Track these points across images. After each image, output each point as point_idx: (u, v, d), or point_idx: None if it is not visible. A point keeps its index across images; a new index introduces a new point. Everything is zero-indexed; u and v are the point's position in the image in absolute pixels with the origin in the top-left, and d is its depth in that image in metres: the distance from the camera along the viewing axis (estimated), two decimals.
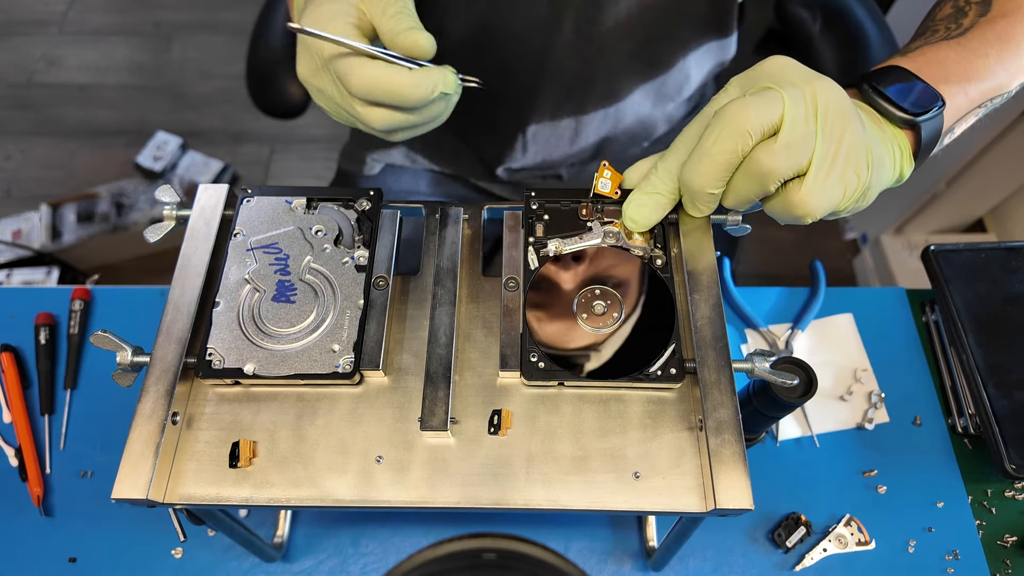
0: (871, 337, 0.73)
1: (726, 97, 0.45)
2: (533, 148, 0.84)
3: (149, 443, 0.42)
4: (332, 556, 0.62)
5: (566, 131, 0.81)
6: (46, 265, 1.60)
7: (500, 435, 0.44)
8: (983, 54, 0.50)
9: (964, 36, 0.51)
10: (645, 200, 0.47)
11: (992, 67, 0.50)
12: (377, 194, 0.51)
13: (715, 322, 0.46)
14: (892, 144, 0.46)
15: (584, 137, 0.82)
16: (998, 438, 0.61)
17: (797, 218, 0.43)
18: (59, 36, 2.12)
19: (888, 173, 0.46)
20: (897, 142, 0.47)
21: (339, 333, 0.46)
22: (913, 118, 0.46)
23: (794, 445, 0.67)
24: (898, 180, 0.48)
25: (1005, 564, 0.62)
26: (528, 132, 0.81)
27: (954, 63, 0.49)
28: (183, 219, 0.51)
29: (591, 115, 0.79)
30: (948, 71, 0.49)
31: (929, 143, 0.47)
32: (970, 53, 0.50)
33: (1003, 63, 0.50)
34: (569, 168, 0.90)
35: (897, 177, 0.47)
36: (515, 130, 0.81)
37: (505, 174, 0.89)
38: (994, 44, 0.51)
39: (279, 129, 1.92)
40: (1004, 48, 0.51)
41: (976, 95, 0.50)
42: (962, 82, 0.49)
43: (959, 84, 0.49)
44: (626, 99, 0.79)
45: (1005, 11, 0.52)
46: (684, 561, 0.62)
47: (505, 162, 0.86)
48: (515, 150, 0.84)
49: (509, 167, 0.87)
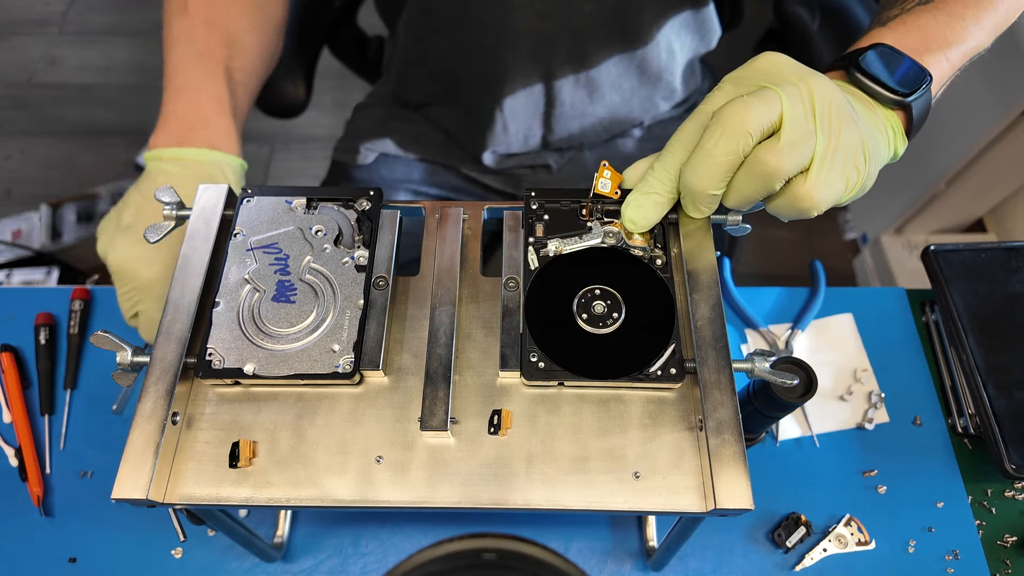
0: (871, 337, 0.73)
1: (721, 96, 0.45)
2: (513, 125, 0.84)
3: (149, 443, 0.42)
4: (332, 556, 0.62)
5: (540, 98, 0.82)
6: (46, 265, 1.59)
7: (500, 435, 0.44)
8: (960, 16, 0.50)
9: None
10: (643, 200, 0.47)
11: (970, 28, 0.51)
12: (377, 194, 0.52)
13: (715, 322, 0.46)
14: (885, 126, 0.47)
15: (560, 108, 0.83)
16: (998, 438, 0.61)
17: (802, 212, 0.43)
18: (59, 36, 2.12)
19: (884, 156, 0.47)
20: (889, 123, 0.47)
21: (339, 333, 0.46)
22: (903, 99, 0.46)
23: (794, 445, 0.67)
24: (893, 158, 0.49)
25: (1005, 564, 0.62)
26: (504, 106, 0.81)
27: (934, 30, 0.50)
28: (183, 219, 0.51)
29: (561, 80, 0.79)
30: (929, 39, 0.49)
31: (920, 120, 0.48)
32: (948, 17, 0.50)
33: (979, 23, 0.51)
34: (558, 157, 0.90)
35: (892, 156, 0.48)
36: (492, 108, 0.82)
37: (492, 160, 0.90)
38: (970, 4, 0.51)
39: (279, 129, 1.92)
40: (979, 7, 0.51)
41: (957, 59, 0.51)
42: (944, 48, 0.49)
43: (941, 51, 0.49)
44: (599, 66, 0.79)
45: None
46: (684, 561, 0.62)
47: (489, 145, 0.86)
48: (495, 131, 0.84)
49: (495, 151, 0.88)
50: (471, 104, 0.84)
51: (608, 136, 0.89)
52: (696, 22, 0.80)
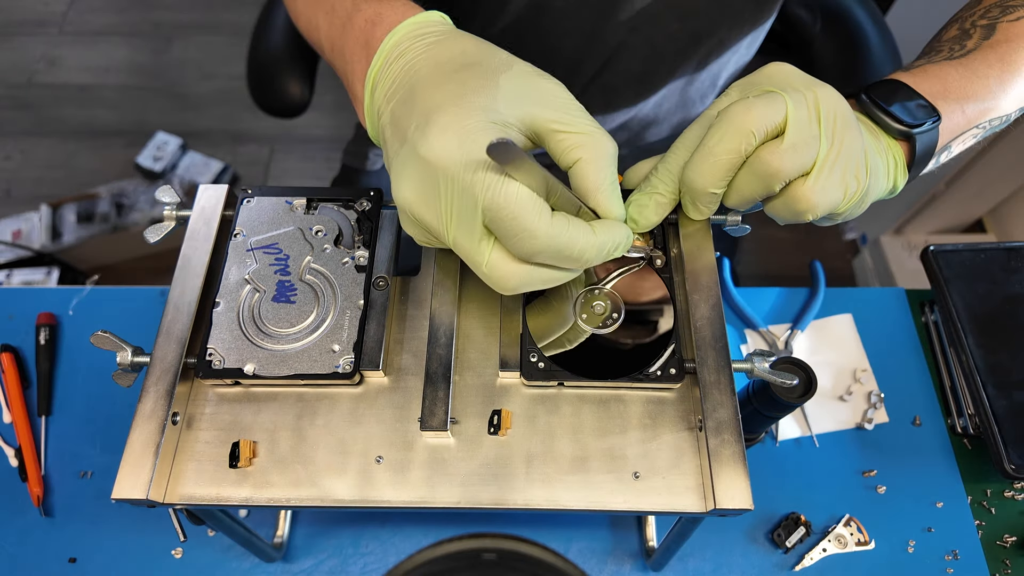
0: (870, 337, 0.73)
1: (727, 100, 0.45)
2: None
3: (149, 443, 0.42)
4: (332, 556, 0.62)
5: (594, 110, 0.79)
6: (46, 265, 1.60)
7: (500, 435, 0.44)
8: (984, 75, 0.50)
9: (967, 57, 0.51)
10: (646, 201, 0.47)
11: (992, 88, 0.50)
12: (377, 194, 0.52)
13: (715, 322, 0.46)
14: (887, 155, 0.47)
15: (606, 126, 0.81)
16: (997, 438, 0.61)
17: (799, 213, 0.43)
18: (59, 36, 2.12)
19: (882, 183, 0.47)
20: (892, 153, 0.47)
21: (339, 333, 0.46)
22: (908, 130, 0.46)
23: (794, 445, 0.67)
24: (891, 191, 0.48)
25: (1004, 564, 0.62)
26: None
27: (954, 81, 0.49)
28: (183, 219, 0.51)
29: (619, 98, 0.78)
30: (947, 88, 0.49)
31: (923, 156, 0.48)
32: (971, 73, 0.50)
33: (1003, 85, 0.51)
34: None
35: (891, 188, 0.48)
36: None
37: None
38: (995, 66, 0.51)
39: (279, 129, 1.92)
40: (1005, 71, 0.51)
41: (974, 114, 0.50)
42: (961, 100, 0.49)
43: (957, 102, 0.49)
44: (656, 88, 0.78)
45: (1009, 36, 0.52)
46: (684, 561, 0.62)
47: None
48: None
49: None
50: None
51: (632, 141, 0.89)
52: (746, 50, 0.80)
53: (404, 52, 0.41)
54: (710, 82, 0.80)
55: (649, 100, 0.81)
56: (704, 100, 0.83)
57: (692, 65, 0.76)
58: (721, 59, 0.77)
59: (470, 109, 0.37)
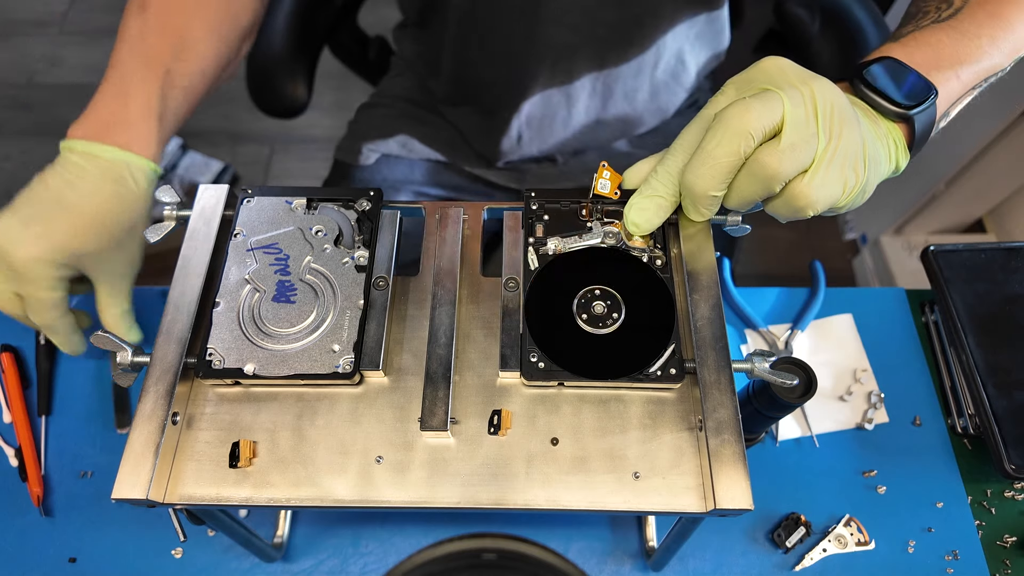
0: (871, 337, 0.73)
1: (724, 99, 0.45)
2: (527, 133, 0.85)
3: (149, 443, 0.42)
4: (332, 556, 0.62)
5: (557, 107, 0.82)
6: None
7: (500, 435, 0.44)
8: (975, 35, 0.50)
9: (955, 18, 0.50)
10: (647, 204, 0.47)
11: (985, 48, 0.50)
12: (377, 194, 0.52)
13: (715, 322, 0.46)
14: (887, 139, 0.47)
15: (575, 117, 0.83)
16: (998, 438, 0.61)
17: (797, 211, 0.43)
18: (59, 36, 2.12)
19: (884, 168, 0.47)
20: (892, 136, 0.47)
21: (339, 333, 0.46)
22: (906, 112, 0.46)
23: (794, 445, 0.67)
24: (894, 172, 0.48)
25: (1005, 564, 0.62)
26: (523, 112, 0.82)
27: (946, 47, 0.49)
28: (183, 219, 0.51)
29: (580, 90, 0.80)
30: (940, 56, 0.49)
31: (923, 134, 0.48)
32: (962, 35, 0.50)
33: (996, 43, 0.50)
34: (562, 150, 0.90)
35: (893, 169, 0.48)
36: (509, 115, 0.82)
37: (501, 161, 0.90)
38: (986, 24, 0.50)
39: (279, 129, 1.92)
40: (996, 27, 0.50)
41: (969, 78, 0.50)
42: (954, 66, 0.49)
43: (951, 68, 0.49)
44: (617, 75, 0.79)
45: None
46: (684, 561, 0.62)
47: (502, 149, 0.87)
48: (510, 136, 0.85)
49: (505, 154, 0.88)
50: (493, 108, 0.84)
51: (610, 141, 0.90)
52: (710, 31, 0.81)
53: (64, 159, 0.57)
54: (676, 60, 0.81)
55: (616, 94, 0.81)
56: (677, 79, 0.84)
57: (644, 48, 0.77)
58: (674, 32, 0.77)
59: None
